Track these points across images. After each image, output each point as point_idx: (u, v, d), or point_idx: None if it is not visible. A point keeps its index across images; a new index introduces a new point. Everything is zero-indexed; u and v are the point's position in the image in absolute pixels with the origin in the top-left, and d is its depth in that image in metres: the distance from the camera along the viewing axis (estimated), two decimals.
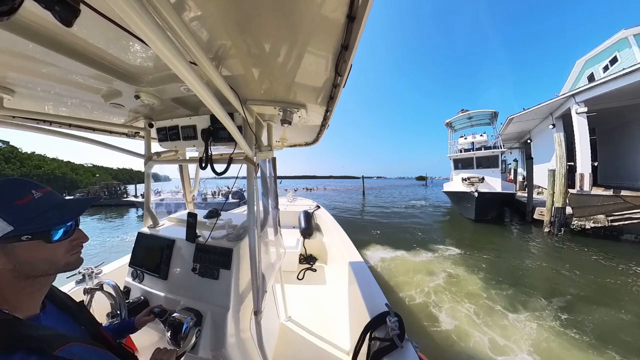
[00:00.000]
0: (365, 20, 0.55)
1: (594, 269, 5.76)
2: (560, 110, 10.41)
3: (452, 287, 4.98)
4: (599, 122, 9.26)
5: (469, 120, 16.77)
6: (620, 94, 8.16)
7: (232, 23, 0.61)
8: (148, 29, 0.37)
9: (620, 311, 4.04)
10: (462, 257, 6.81)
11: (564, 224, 8.39)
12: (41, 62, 0.77)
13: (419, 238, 8.90)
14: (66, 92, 1.05)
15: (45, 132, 1.32)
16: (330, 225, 3.79)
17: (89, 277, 1.64)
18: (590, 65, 14.32)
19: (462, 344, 3.36)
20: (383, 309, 1.28)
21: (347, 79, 0.88)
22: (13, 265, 0.50)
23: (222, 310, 1.14)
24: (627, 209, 7.27)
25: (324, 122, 1.57)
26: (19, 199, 0.50)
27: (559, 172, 8.68)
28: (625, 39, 11.62)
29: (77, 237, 0.59)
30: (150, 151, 1.56)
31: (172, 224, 1.62)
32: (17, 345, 0.43)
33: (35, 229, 0.50)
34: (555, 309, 4.15)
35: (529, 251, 7.31)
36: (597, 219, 7.78)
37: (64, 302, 0.66)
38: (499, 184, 11.77)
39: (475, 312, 4.08)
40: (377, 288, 1.62)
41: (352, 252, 2.46)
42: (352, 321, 1.84)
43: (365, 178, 37.72)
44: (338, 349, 1.93)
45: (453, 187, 13.01)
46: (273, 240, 1.72)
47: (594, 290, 4.85)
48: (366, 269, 1.98)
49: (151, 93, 1.05)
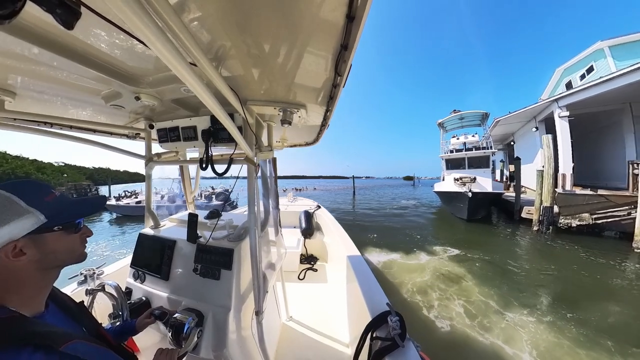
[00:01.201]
0: (364, 20, 0.55)
1: (587, 266, 5.96)
2: (543, 114, 11.19)
3: (452, 287, 4.97)
4: (576, 126, 9.86)
5: (460, 121, 17.16)
6: (597, 100, 8.87)
7: (231, 24, 0.62)
8: (148, 31, 0.37)
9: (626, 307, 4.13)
10: (460, 256, 6.81)
11: (552, 222, 8.67)
12: (42, 65, 0.78)
13: (415, 239, 8.86)
14: (67, 94, 1.05)
15: (47, 134, 1.32)
16: (331, 225, 3.79)
17: (91, 278, 1.65)
18: (568, 73, 15.18)
19: (462, 343, 3.35)
20: (384, 308, 1.28)
21: (347, 78, 0.89)
22: (39, 256, 0.54)
23: (223, 310, 1.14)
24: (610, 207, 7.71)
25: (324, 122, 1.58)
26: (46, 196, 0.56)
27: (547, 172, 8.93)
28: (601, 50, 12.39)
29: (85, 231, 0.65)
30: (151, 152, 1.56)
31: (173, 225, 1.63)
32: (24, 342, 0.45)
33: (64, 220, 0.57)
34: (557, 309, 4.14)
35: (523, 249, 7.45)
36: (582, 217, 8.16)
37: (65, 303, 0.68)
38: (490, 183, 11.91)
39: (475, 311, 4.07)
40: (378, 287, 1.62)
41: (353, 251, 2.46)
42: (353, 321, 1.84)
43: (354, 178, 37.68)
44: (339, 348, 1.93)
45: (445, 187, 12.95)
46: (274, 240, 1.72)
47: (593, 286, 5.02)
48: (367, 268, 1.98)
49: (151, 94, 1.06)
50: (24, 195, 0.52)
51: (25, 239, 0.51)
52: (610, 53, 11.99)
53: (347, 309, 2.21)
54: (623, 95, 8.59)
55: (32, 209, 0.52)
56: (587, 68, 13.47)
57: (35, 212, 0.52)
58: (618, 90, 8.05)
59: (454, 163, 14.93)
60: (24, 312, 0.52)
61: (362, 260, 2.19)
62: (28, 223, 0.50)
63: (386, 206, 19.72)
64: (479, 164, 13.69)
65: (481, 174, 12.55)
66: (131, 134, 1.70)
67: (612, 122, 10.78)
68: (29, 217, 0.51)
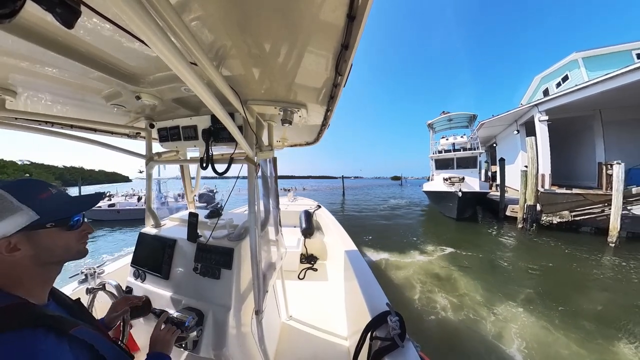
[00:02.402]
0: (365, 19, 0.55)
1: (571, 259, 6.36)
2: (524, 118, 12.08)
3: (452, 286, 4.98)
4: (554, 130, 10.49)
5: (448, 122, 17.64)
6: (572, 106, 9.82)
7: (232, 23, 0.62)
8: (148, 30, 0.37)
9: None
10: (453, 255, 6.89)
11: (535, 220, 9.12)
12: (43, 64, 0.78)
13: (408, 238, 8.90)
14: (67, 93, 1.05)
15: (47, 133, 1.32)
16: (331, 225, 3.79)
17: (92, 277, 1.65)
18: (545, 81, 16.44)
19: (463, 343, 3.35)
20: (384, 308, 1.28)
21: (348, 78, 0.88)
22: (34, 251, 0.55)
23: (223, 309, 1.14)
24: (587, 205, 8.38)
25: (324, 121, 1.58)
26: (40, 193, 0.57)
27: (531, 172, 9.38)
28: (575, 61, 13.52)
29: (85, 228, 0.66)
30: (152, 151, 1.56)
31: (173, 224, 1.63)
32: (37, 323, 0.48)
33: (57, 217, 0.58)
34: (556, 305, 4.15)
35: (512, 246, 7.74)
36: (562, 215, 8.76)
37: (63, 300, 0.70)
38: (477, 183, 12.09)
39: (476, 310, 4.07)
40: (377, 287, 1.62)
41: (352, 251, 2.46)
42: (353, 320, 1.84)
43: (344, 178, 37.74)
44: (339, 348, 1.93)
45: (434, 187, 13.07)
46: (274, 239, 1.72)
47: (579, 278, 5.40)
48: (367, 268, 1.98)
49: (152, 94, 1.06)
50: (18, 193, 0.53)
51: (19, 235, 0.52)
52: (584, 64, 13.15)
53: (346, 306, 2.22)
54: (594, 102, 9.45)
55: (24, 206, 0.52)
56: (562, 77, 14.71)
57: (27, 210, 0.52)
58: (590, 97, 8.87)
59: (443, 163, 15.31)
60: (31, 300, 0.55)
61: (361, 259, 2.19)
62: (20, 220, 0.51)
63: (377, 206, 19.64)
64: (467, 164, 14.20)
65: (469, 174, 12.82)
66: (132, 134, 1.70)
67: (585, 126, 11.76)
68: (21, 214, 0.51)
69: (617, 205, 7.24)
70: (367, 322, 1.20)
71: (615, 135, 10.80)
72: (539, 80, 17.11)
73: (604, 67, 11.77)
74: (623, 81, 7.78)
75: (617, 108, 10.17)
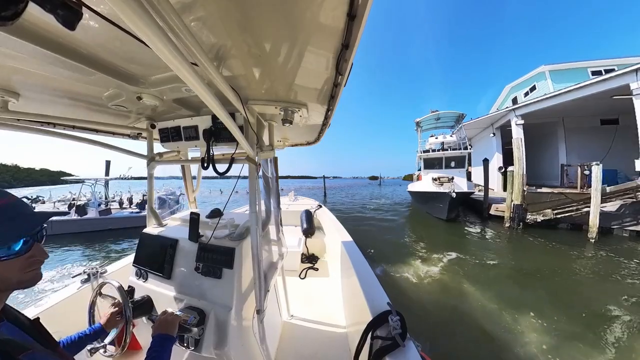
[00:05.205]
0: (365, 18, 0.55)
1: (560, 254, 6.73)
2: (500, 122, 13.28)
3: (451, 286, 4.97)
4: (525, 134, 11.24)
5: (436, 121, 17.55)
6: (543, 113, 10.96)
7: (232, 23, 0.62)
8: (149, 31, 0.38)
9: None
10: (453, 258, 6.70)
11: (522, 218, 9.46)
12: (45, 65, 0.78)
13: (399, 241, 8.63)
14: (69, 94, 1.06)
15: (50, 134, 1.33)
16: (332, 225, 3.79)
17: (94, 277, 1.66)
18: (514, 90, 17.46)
19: (463, 342, 3.35)
20: (385, 307, 1.28)
21: (348, 77, 0.88)
22: None
23: (225, 309, 1.14)
24: (567, 203, 8.91)
25: (325, 121, 1.58)
26: None
27: (517, 172, 9.75)
28: (543, 73, 14.51)
29: (34, 254, 0.54)
30: (153, 152, 1.57)
31: (175, 224, 1.63)
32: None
33: None
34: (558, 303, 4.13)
35: (505, 246, 7.92)
36: (545, 213, 9.18)
37: (17, 319, 0.62)
38: (465, 183, 11.99)
39: (476, 310, 4.07)
40: (379, 287, 1.62)
41: (353, 251, 2.46)
42: (354, 320, 1.84)
43: (325, 178, 37.74)
44: (340, 347, 1.93)
45: (422, 187, 12.63)
46: (275, 239, 1.73)
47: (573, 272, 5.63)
48: (368, 267, 1.98)
49: (153, 94, 1.06)
50: None
51: None
52: (550, 76, 14.16)
53: (347, 305, 2.21)
54: (559, 110, 10.78)
55: None
56: (530, 87, 15.69)
57: None
58: (556, 106, 10.12)
59: (431, 162, 15.11)
60: None
61: (362, 259, 2.18)
62: None
63: (361, 207, 18.90)
64: (456, 164, 14.11)
65: (457, 174, 12.73)
66: (133, 134, 1.71)
67: (552, 131, 13.19)
68: None
69: (596, 204, 7.53)
70: (368, 321, 1.20)
71: (575, 141, 12.41)
72: (508, 89, 18.07)
73: (566, 80, 12.69)
74: (577, 95, 9.02)
75: (576, 117, 11.74)
